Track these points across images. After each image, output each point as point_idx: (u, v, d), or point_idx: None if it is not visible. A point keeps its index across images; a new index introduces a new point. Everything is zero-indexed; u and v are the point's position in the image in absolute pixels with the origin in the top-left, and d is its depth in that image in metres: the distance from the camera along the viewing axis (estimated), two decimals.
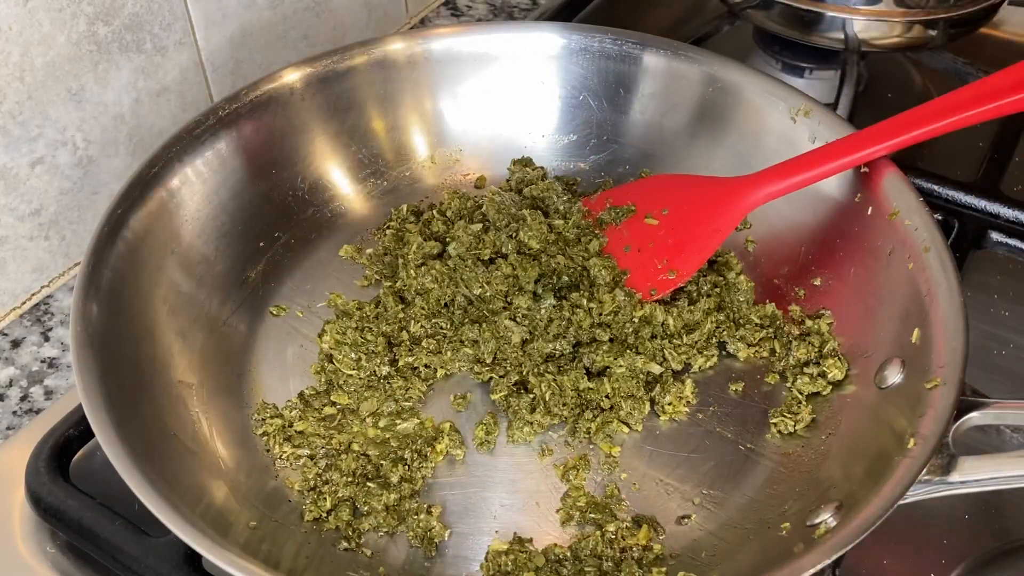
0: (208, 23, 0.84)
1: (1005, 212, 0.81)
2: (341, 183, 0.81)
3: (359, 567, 0.60)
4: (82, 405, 0.58)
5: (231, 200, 0.74)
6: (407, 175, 0.83)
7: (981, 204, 0.82)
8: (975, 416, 0.58)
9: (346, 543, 0.61)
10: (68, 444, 0.64)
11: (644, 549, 0.60)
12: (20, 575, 0.62)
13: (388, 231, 0.78)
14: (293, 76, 0.78)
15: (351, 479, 0.63)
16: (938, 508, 0.65)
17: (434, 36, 0.82)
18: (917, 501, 0.56)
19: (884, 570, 0.63)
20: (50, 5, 0.71)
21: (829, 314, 0.71)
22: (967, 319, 0.60)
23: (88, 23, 0.74)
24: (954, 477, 0.56)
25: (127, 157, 0.81)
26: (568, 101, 0.84)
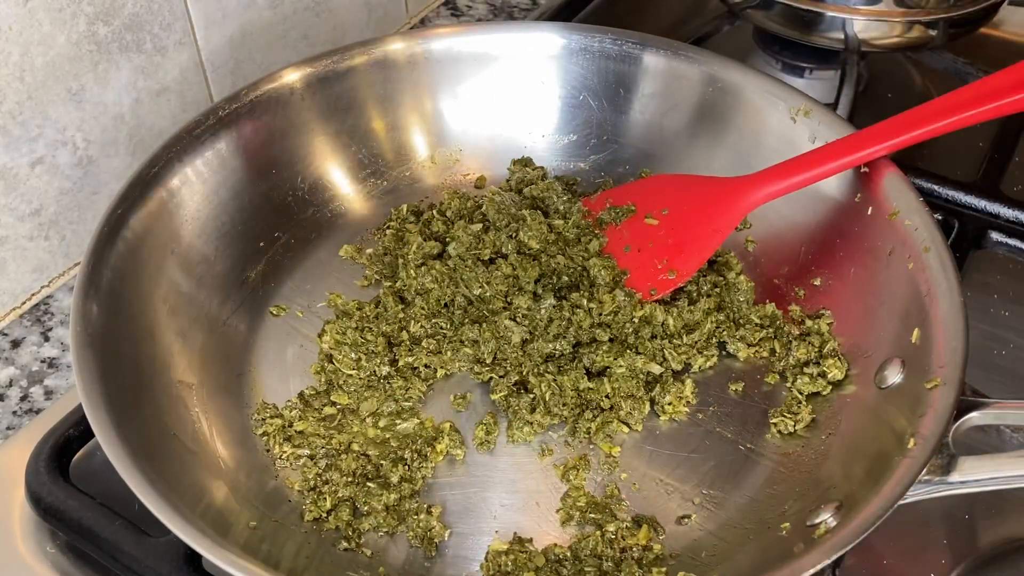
0: (208, 23, 0.84)
1: (1005, 212, 0.81)
2: (341, 183, 0.81)
3: (359, 567, 0.60)
4: (82, 405, 0.58)
5: (231, 200, 0.74)
6: (407, 175, 0.83)
7: (981, 204, 0.82)
8: (975, 416, 0.58)
9: (346, 543, 0.61)
10: (68, 444, 0.64)
11: (644, 549, 0.60)
12: (20, 575, 0.62)
13: (388, 231, 0.78)
14: (293, 76, 0.78)
15: (351, 479, 0.63)
16: (938, 508, 0.65)
17: (434, 36, 0.82)
18: (917, 501, 0.56)
19: (884, 570, 0.62)
20: (50, 5, 0.71)
21: (829, 314, 0.71)
22: (967, 319, 0.60)
23: (88, 23, 0.74)
24: (954, 477, 0.56)
25: (127, 157, 0.81)
26: (568, 101, 0.84)
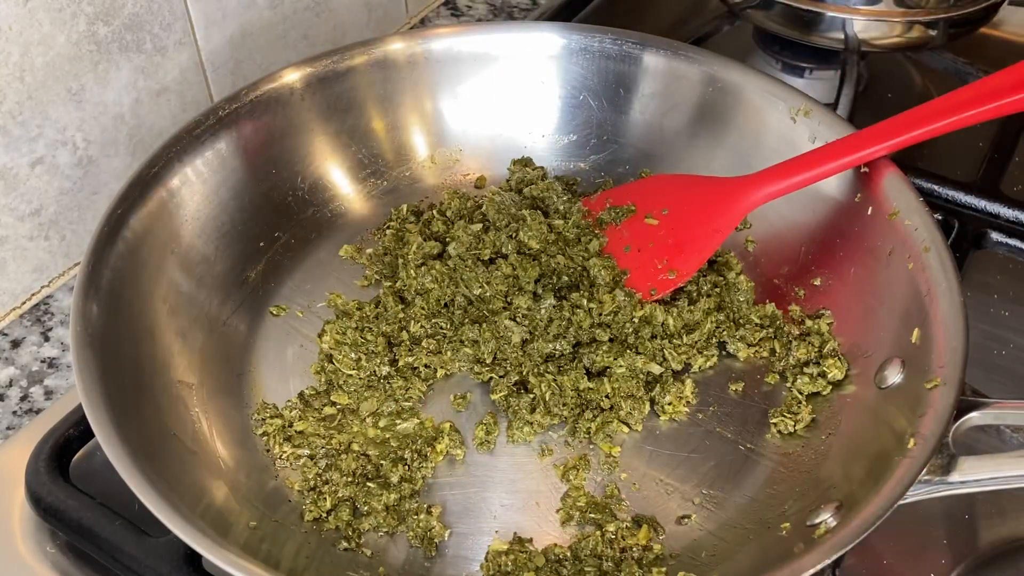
0: (208, 23, 0.84)
1: (1005, 212, 0.81)
2: (341, 183, 0.81)
3: (359, 567, 0.60)
4: (82, 405, 0.58)
5: (231, 200, 0.74)
6: (407, 175, 0.83)
7: (981, 204, 0.82)
8: (975, 416, 0.58)
9: (346, 543, 0.61)
10: (68, 444, 0.64)
11: (644, 549, 0.60)
12: (20, 575, 0.62)
13: (388, 231, 0.78)
14: (293, 76, 0.78)
15: (351, 479, 0.63)
16: (938, 508, 0.65)
17: (434, 36, 0.82)
18: (917, 501, 0.56)
19: (884, 570, 0.62)
20: (50, 5, 0.71)
21: (829, 314, 0.71)
22: (967, 319, 0.60)
23: (88, 23, 0.74)
24: (954, 477, 0.56)
25: (127, 157, 0.81)
26: (568, 101, 0.84)
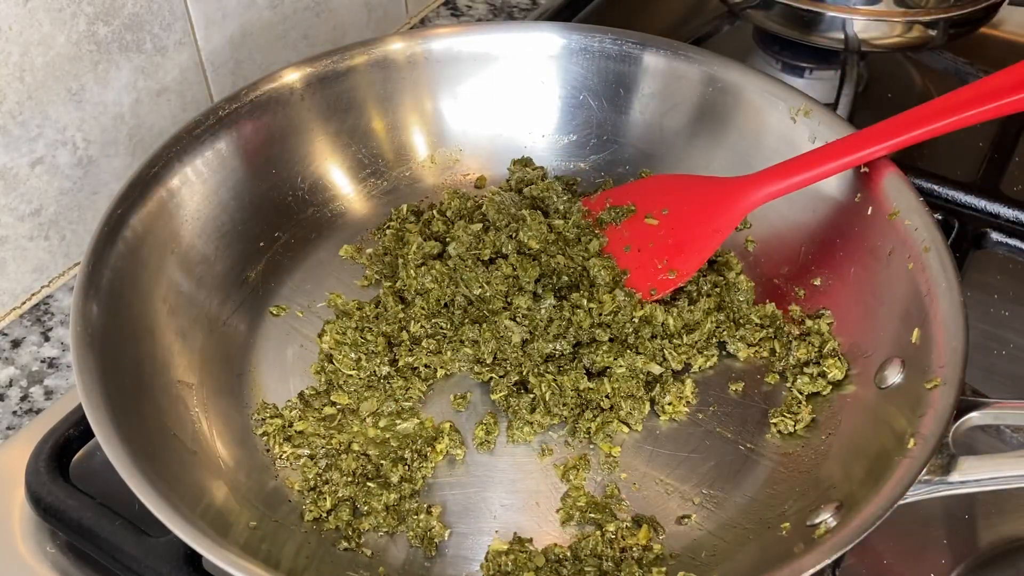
0: (208, 23, 0.84)
1: (1005, 212, 0.81)
2: (341, 183, 0.81)
3: (359, 567, 0.60)
4: (82, 405, 0.58)
5: (231, 200, 0.75)
6: (407, 175, 0.83)
7: (981, 204, 0.82)
8: (975, 416, 0.58)
9: (346, 543, 0.61)
10: (68, 444, 0.64)
11: (644, 549, 0.60)
12: (20, 575, 0.62)
13: (388, 231, 0.78)
14: (293, 76, 0.78)
15: (351, 479, 0.63)
16: (938, 508, 0.65)
17: (434, 36, 0.82)
18: (917, 501, 0.56)
19: (884, 570, 0.62)
20: (50, 5, 0.71)
21: (829, 314, 0.71)
22: (967, 319, 0.60)
23: (88, 23, 0.74)
24: (954, 477, 0.56)
25: (127, 157, 0.81)
26: (568, 101, 0.84)
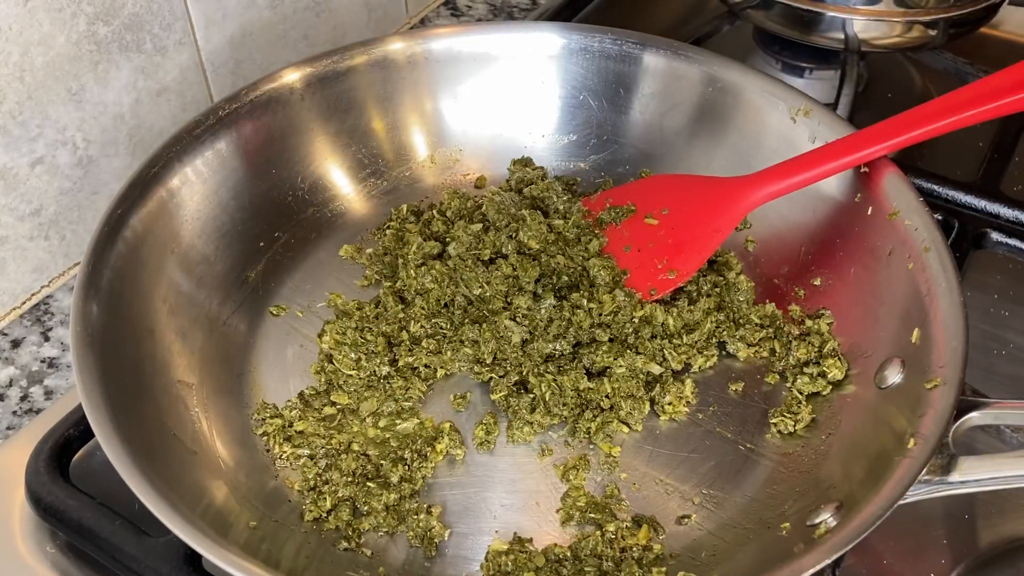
0: (208, 23, 0.84)
1: (1005, 212, 0.81)
2: (341, 183, 0.81)
3: (359, 567, 0.60)
4: (82, 405, 0.58)
5: (231, 200, 0.75)
6: (407, 175, 0.83)
7: (981, 204, 0.82)
8: (975, 416, 0.58)
9: (346, 543, 0.61)
10: (68, 444, 0.64)
11: (644, 549, 0.60)
12: (20, 575, 0.62)
13: (388, 231, 0.78)
14: (293, 76, 0.78)
15: (351, 479, 0.63)
16: (938, 508, 0.65)
17: (434, 36, 0.82)
18: (917, 501, 0.56)
19: (884, 570, 0.63)
20: (50, 5, 0.71)
21: (829, 314, 0.71)
22: (967, 319, 0.60)
23: (88, 23, 0.74)
24: (954, 477, 0.56)
25: (127, 157, 0.81)
26: (568, 101, 0.84)
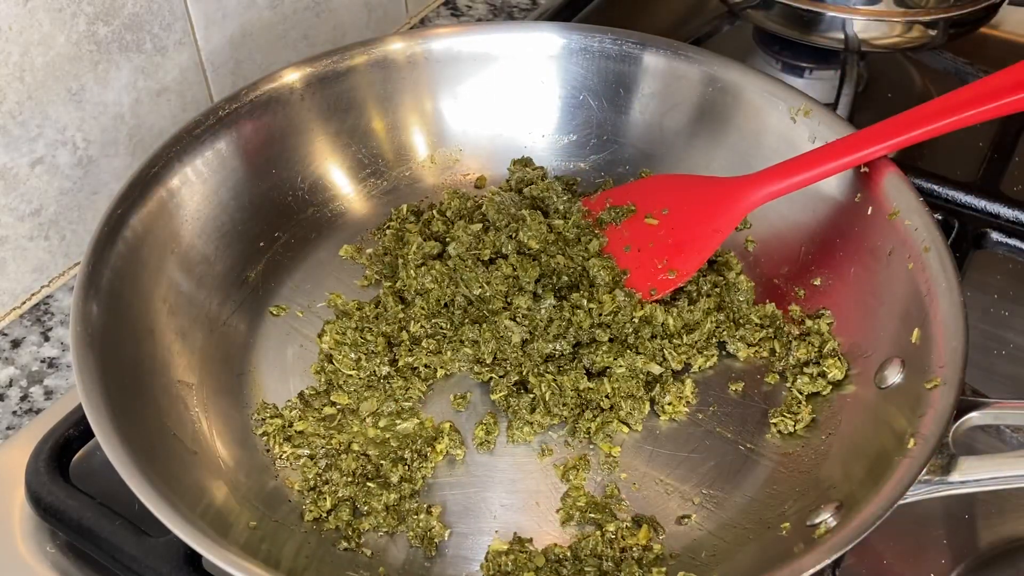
0: (208, 23, 0.84)
1: (1005, 212, 0.81)
2: (341, 183, 0.81)
3: (359, 567, 0.60)
4: (82, 405, 0.58)
5: (231, 200, 0.75)
6: (407, 175, 0.83)
7: (981, 204, 0.82)
8: (975, 416, 0.58)
9: (346, 543, 0.61)
10: (68, 444, 0.64)
11: (644, 549, 0.60)
12: (20, 575, 0.62)
13: (388, 231, 0.78)
14: (293, 76, 0.78)
15: (351, 479, 0.63)
16: (938, 508, 0.65)
17: (434, 36, 0.82)
18: (917, 501, 0.56)
19: (884, 570, 0.63)
20: (50, 5, 0.71)
21: (829, 314, 0.71)
22: (967, 319, 0.60)
23: (88, 23, 0.74)
24: (954, 477, 0.56)
25: (127, 157, 0.81)
26: (568, 101, 0.84)
